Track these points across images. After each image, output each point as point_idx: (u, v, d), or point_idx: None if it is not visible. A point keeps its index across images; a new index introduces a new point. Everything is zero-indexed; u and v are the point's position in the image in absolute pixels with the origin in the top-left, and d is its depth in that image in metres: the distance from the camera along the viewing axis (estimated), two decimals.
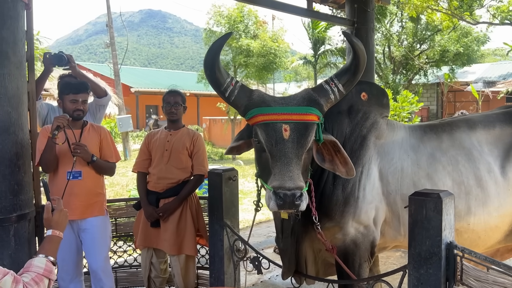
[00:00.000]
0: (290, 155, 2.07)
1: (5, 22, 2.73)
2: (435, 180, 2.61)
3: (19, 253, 2.82)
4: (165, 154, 3.40)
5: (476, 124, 2.80)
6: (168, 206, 3.34)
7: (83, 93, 3.12)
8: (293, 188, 1.99)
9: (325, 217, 2.54)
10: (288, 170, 2.04)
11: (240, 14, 17.95)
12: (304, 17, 7.42)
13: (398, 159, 2.65)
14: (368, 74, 6.00)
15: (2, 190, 2.72)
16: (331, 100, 2.23)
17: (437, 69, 22.87)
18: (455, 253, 1.95)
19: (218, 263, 3.09)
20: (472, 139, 2.73)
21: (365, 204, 2.56)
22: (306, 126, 2.14)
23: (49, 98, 14.13)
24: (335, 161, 2.32)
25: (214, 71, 2.25)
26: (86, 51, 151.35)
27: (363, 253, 2.61)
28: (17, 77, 2.81)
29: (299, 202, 2.00)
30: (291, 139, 2.10)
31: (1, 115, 2.71)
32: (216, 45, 2.27)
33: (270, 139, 2.12)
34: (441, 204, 1.93)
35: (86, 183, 3.11)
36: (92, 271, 3.20)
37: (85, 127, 3.21)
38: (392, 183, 2.62)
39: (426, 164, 2.65)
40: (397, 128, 2.79)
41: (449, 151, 2.68)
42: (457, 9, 14.00)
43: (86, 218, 3.14)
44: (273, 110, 2.15)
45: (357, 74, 2.23)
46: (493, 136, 2.74)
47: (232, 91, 2.25)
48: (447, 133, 2.76)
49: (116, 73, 17.24)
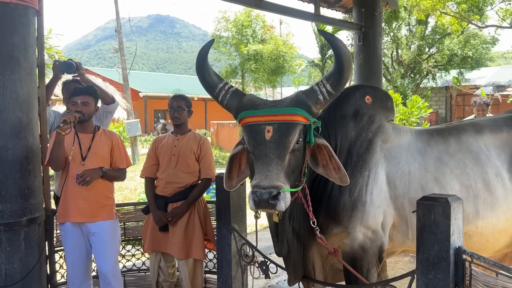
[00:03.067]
0: (271, 155, 2.07)
1: (16, 29, 2.78)
2: (443, 183, 2.60)
3: (29, 256, 2.85)
4: (172, 158, 3.42)
5: (483, 128, 2.79)
6: (177, 210, 3.35)
7: (82, 95, 3.12)
8: (268, 186, 1.98)
9: (333, 222, 2.52)
10: (266, 170, 2.04)
11: (248, 19, 18.01)
12: (312, 22, 7.44)
13: (405, 163, 2.63)
14: (376, 77, 6.00)
15: (13, 194, 2.76)
16: (320, 101, 2.19)
17: (446, 73, 22.74)
18: (464, 258, 1.94)
19: (225, 267, 3.09)
20: (479, 143, 2.72)
21: (372, 208, 2.54)
22: (289, 127, 2.12)
23: (59, 103, 14.27)
24: (329, 167, 2.26)
25: (204, 77, 2.33)
26: (95, 56, 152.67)
27: (371, 258, 2.59)
28: (28, 83, 2.85)
29: (274, 201, 1.98)
30: (273, 140, 2.09)
31: (12, 120, 2.75)
32: (202, 52, 2.35)
33: (252, 140, 2.14)
34: (449, 209, 1.92)
35: (95, 186, 3.13)
36: (101, 275, 3.21)
37: (97, 132, 3.23)
38: (400, 187, 2.60)
39: (433, 168, 2.63)
40: (403, 132, 2.78)
41: (456, 155, 2.67)
42: (466, 12, 13.94)
43: (96, 222, 3.15)
44: (258, 112, 2.17)
45: (342, 72, 2.17)
46: (500, 140, 2.74)
47: (224, 95, 2.30)
48: (454, 136, 2.75)
49: (125, 78, 17.35)
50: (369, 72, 5.91)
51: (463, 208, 2.41)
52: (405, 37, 22.18)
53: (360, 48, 5.96)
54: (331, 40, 2.19)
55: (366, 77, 5.91)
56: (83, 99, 3.12)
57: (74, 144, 3.11)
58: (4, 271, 2.74)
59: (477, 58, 21.42)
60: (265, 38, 18.34)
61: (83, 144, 3.14)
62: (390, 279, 2.30)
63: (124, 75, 17.38)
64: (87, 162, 3.12)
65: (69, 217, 3.12)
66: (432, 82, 22.96)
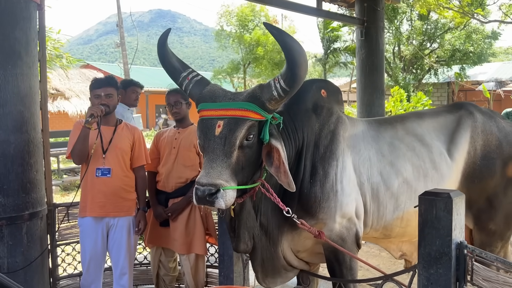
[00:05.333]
0: (218, 151, 2.04)
1: (18, 23, 2.77)
2: (397, 166, 2.77)
3: (31, 250, 2.86)
4: (172, 151, 3.40)
5: (424, 114, 3.13)
6: (177, 206, 3.35)
7: (105, 87, 3.08)
8: (206, 184, 1.98)
9: (306, 215, 2.51)
10: (210, 167, 2.02)
11: (251, 13, 17.98)
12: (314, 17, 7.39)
13: (365, 150, 2.75)
14: (378, 72, 5.98)
15: (15, 188, 2.76)
16: (274, 97, 2.10)
17: (448, 68, 22.66)
18: (465, 253, 1.94)
19: (227, 262, 3.09)
20: (422, 127, 2.98)
21: (344, 197, 2.57)
22: (237, 122, 2.07)
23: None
24: (280, 169, 2.20)
25: (166, 66, 2.28)
26: (97, 51, 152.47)
27: (351, 246, 2.63)
28: (30, 77, 2.85)
29: (212, 199, 1.97)
30: (221, 135, 2.06)
31: (14, 114, 2.75)
32: (161, 40, 2.31)
33: (202, 134, 2.12)
34: (451, 204, 1.92)
35: (114, 181, 3.09)
36: (115, 269, 3.21)
37: (119, 125, 3.20)
38: (364, 173, 2.70)
39: (388, 152, 2.80)
40: (356, 122, 2.90)
41: (405, 139, 2.88)
42: (468, 7, 13.86)
43: (115, 217, 3.13)
44: (213, 106, 2.12)
45: (294, 69, 2.06)
46: (439, 123, 3.03)
47: (187, 85, 2.23)
48: (399, 123, 2.98)
49: (126, 73, 17.37)
50: (371, 67, 5.88)
51: (415, 188, 2.73)
52: (406, 32, 22.09)
53: (362, 43, 5.94)
54: (278, 35, 2.06)
55: (368, 72, 5.89)
56: (106, 91, 3.08)
57: (97, 137, 3.06)
58: (6, 264, 2.75)
59: (479, 53, 21.32)
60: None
61: (104, 137, 3.09)
62: (392, 274, 2.30)
63: (126, 70, 17.39)
64: (108, 155, 3.08)
65: (88, 211, 3.09)
66: (434, 78, 22.88)
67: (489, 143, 2.97)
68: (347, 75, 28.08)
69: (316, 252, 2.73)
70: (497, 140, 2.98)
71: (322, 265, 3.03)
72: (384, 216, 2.75)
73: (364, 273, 3.83)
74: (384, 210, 2.74)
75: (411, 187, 2.76)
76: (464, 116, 3.02)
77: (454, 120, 3.03)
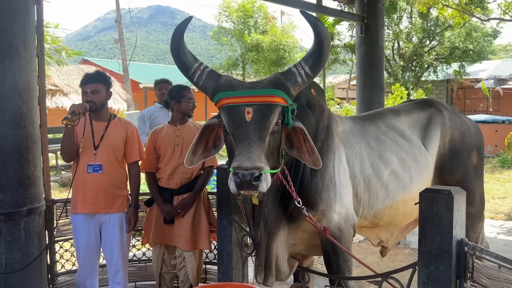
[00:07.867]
0: (252, 136, 2.05)
1: (16, 17, 2.75)
2: (385, 158, 2.95)
3: (29, 246, 2.85)
4: (176, 149, 3.37)
5: (399, 111, 3.36)
6: (185, 201, 3.32)
7: (91, 84, 3.04)
8: (250, 168, 1.96)
9: (307, 206, 2.51)
10: (248, 151, 2.02)
11: (251, 9, 17.95)
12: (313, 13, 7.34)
13: (356, 144, 2.88)
14: (378, 69, 5.96)
15: (13, 184, 2.75)
16: (298, 83, 2.18)
17: (447, 66, 22.65)
18: (466, 251, 1.93)
19: (226, 258, 3.09)
20: (399, 123, 3.22)
21: (341, 187, 2.66)
22: (269, 108, 2.10)
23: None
24: (303, 150, 2.27)
25: (180, 56, 2.26)
26: (95, 47, 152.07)
27: (348, 237, 2.70)
28: (28, 72, 2.83)
29: (257, 182, 1.96)
30: (253, 121, 2.07)
31: (11, 110, 2.74)
32: (178, 30, 2.29)
33: (232, 121, 2.11)
34: (452, 201, 1.91)
35: (106, 177, 3.07)
36: (110, 267, 3.20)
37: (112, 120, 3.16)
38: (356, 166, 2.82)
39: (375, 146, 2.97)
40: (343, 119, 3.03)
41: (388, 134, 3.08)
42: (468, 5, 13.83)
43: (107, 213, 3.11)
44: (237, 93, 2.13)
45: (322, 55, 2.18)
46: (412, 119, 3.30)
47: (200, 76, 2.24)
48: (380, 120, 3.18)
49: (125, 69, 17.32)
50: (371, 64, 5.86)
51: (402, 178, 2.94)
52: (406, 29, 22.06)
53: (362, 39, 5.91)
54: (313, 22, 2.18)
55: (368, 69, 5.87)
56: (92, 87, 3.03)
57: (86, 133, 3.02)
58: (4, 260, 2.74)
59: (478, 51, 21.32)
60: (266, 29, 18.28)
61: (96, 132, 3.05)
62: (391, 271, 2.29)
63: (124, 66, 17.34)
64: (99, 151, 3.05)
65: (79, 208, 3.07)
66: (433, 75, 22.88)
67: (455, 137, 3.30)
68: (346, 72, 28.06)
69: (312, 243, 2.77)
70: (461, 134, 3.33)
71: (321, 262, 3.02)
72: (375, 205, 2.90)
73: (363, 269, 3.83)
74: (375, 199, 2.89)
75: (399, 177, 2.98)
76: (435, 114, 3.33)
77: (426, 117, 3.32)
